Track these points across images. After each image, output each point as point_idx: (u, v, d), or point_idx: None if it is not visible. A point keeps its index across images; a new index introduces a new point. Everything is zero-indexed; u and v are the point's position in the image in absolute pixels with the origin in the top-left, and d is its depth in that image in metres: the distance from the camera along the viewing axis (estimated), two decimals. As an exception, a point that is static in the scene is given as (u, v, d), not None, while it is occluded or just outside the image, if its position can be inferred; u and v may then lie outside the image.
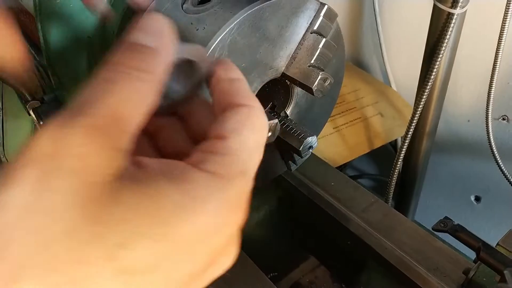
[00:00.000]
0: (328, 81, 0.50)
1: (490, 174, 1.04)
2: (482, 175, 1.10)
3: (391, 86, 1.18)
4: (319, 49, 0.50)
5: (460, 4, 0.69)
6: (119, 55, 0.24)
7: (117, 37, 0.57)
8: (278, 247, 0.77)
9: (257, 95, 0.50)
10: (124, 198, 0.20)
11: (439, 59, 0.75)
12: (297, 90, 0.55)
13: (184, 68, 0.28)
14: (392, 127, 1.08)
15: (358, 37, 1.26)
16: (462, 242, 0.53)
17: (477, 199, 1.15)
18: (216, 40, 0.43)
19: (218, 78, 0.29)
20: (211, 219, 0.22)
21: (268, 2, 0.45)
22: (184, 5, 0.49)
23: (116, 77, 0.23)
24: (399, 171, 0.88)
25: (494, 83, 0.80)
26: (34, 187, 0.19)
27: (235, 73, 0.29)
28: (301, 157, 0.55)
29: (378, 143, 1.04)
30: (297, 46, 0.50)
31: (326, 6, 0.50)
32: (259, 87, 0.50)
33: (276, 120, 0.48)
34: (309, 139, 0.52)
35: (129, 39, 0.25)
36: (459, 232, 0.53)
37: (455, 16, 0.70)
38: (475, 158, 1.10)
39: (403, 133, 0.90)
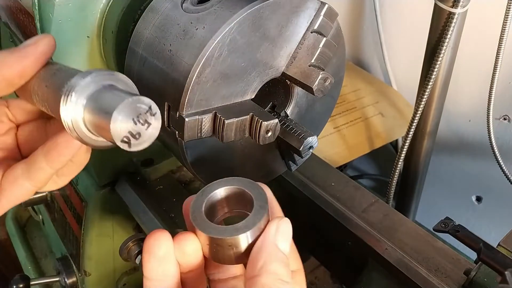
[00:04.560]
0: (329, 81, 0.50)
1: (491, 174, 1.04)
2: (483, 175, 1.10)
3: (391, 86, 1.17)
4: (319, 48, 0.50)
5: (461, 3, 0.69)
6: None
7: (116, 37, 0.56)
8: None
9: (257, 95, 0.50)
10: None
11: (440, 58, 0.74)
12: (297, 90, 0.55)
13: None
14: (393, 127, 1.07)
15: (359, 37, 1.26)
16: (463, 243, 0.53)
17: (478, 199, 1.15)
18: (216, 39, 0.43)
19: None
20: None
21: (268, 1, 0.45)
22: (183, 4, 0.49)
23: None
24: (400, 171, 0.87)
25: (495, 82, 0.80)
26: None
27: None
28: (301, 157, 0.55)
29: (378, 143, 1.04)
30: (298, 45, 0.50)
31: (326, 5, 0.50)
32: (259, 87, 0.50)
33: (276, 120, 0.47)
34: (309, 139, 0.51)
35: None
36: (460, 232, 0.53)
37: (456, 16, 0.70)
38: (476, 158, 1.09)
39: (404, 133, 0.90)
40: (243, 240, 0.33)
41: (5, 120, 0.40)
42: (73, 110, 0.31)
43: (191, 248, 0.33)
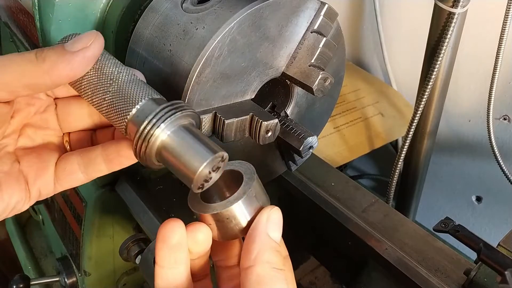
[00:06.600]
0: (329, 81, 0.50)
1: (491, 174, 1.04)
2: (483, 175, 1.10)
3: (391, 86, 1.17)
4: (319, 48, 0.50)
5: (461, 3, 0.69)
6: None
7: (116, 36, 0.56)
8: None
9: (257, 95, 0.50)
10: None
11: (440, 58, 0.74)
12: (297, 90, 0.55)
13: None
14: (393, 127, 1.08)
15: (359, 36, 1.26)
16: (463, 243, 0.53)
17: (478, 199, 1.15)
18: (216, 39, 0.43)
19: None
20: None
21: (268, 1, 0.45)
22: (183, 4, 0.49)
23: None
24: (399, 171, 0.87)
25: (495, 82, 0.80)
26: None
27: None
28: (301, 157, 0.55)
29: (378, 143, 1.04)
30: (298, 45, 0.50)
31: (326, 5, 0.50)
32: (259, 87, 0.50)
33: (276, 120, 0.48)
34: (310, 139, 0.51)
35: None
36: (460, 232, 0.53)
37: (456, 16, 0.70)
38: (476, 158, 1.09)
39: (403, 133, 0.90)
40: (237, 210, 0.35)
41: (44, 97, 0.41)
42: (150, 141, 0.34)
43: (202, 237, 0.35)
